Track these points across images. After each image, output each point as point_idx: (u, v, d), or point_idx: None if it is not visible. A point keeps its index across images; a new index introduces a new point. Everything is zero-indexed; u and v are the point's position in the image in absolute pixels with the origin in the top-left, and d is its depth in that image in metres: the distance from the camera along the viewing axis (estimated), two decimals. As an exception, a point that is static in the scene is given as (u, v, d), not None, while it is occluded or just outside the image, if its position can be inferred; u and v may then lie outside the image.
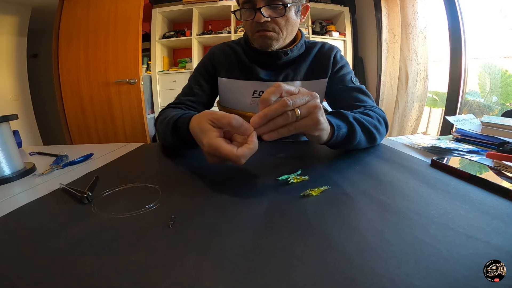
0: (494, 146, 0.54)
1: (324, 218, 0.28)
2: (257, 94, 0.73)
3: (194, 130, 0.43)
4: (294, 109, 0.35)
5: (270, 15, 0.62)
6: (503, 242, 0.23)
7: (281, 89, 0.35)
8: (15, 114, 0.48)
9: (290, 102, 0.34)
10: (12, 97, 2.19)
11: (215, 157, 0.38)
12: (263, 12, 0.61)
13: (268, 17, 0.62)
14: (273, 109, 0.34)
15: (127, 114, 2.15)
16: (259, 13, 0.61)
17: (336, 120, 0.46)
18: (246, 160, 0.36)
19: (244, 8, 0.64)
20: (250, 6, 0.63)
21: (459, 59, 1.58)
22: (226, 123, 0.37)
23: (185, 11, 2.43)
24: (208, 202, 0.33)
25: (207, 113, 0.40)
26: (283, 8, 0.62)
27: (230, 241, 0.24)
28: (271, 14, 0.62)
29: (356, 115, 0.51)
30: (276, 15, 0.63)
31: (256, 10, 0.62)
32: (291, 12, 0.65)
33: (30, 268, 0.22)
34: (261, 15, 0.61)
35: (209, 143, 0.37)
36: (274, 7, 0.62)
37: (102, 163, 0.52)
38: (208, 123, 0.38)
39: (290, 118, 0.35)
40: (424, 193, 0.33)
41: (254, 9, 0.62)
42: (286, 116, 0.35)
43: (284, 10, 0.62)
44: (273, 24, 0.64)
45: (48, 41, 2.15)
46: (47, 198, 0.36)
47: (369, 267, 0.20)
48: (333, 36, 2.42)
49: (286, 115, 0.35)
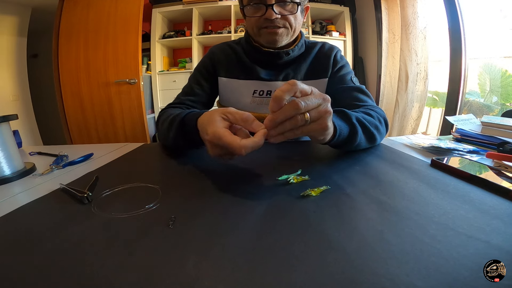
0: (494, 146, 0.54)
1: (324, 218, 0.28)
2: (257, 93, 0.73)
3: (202, 123, 0.43)
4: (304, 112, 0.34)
5: (281, 12, 0.63)
6: (503, 242, 0.23)
7: (296, 88, 0.33)
8: (15, 114, 0.48)
9: (302, 105, 0.33)
10: (12, 97, 2.19)
11: (217, 148, 0.38)
12: (275, 9, 0.62)
13: (278, 14, 0.63)
14: (285, 112, 0.33)
15: (127, 114, 2.14)
16: (270, 10, 0.62)
17: (339, 121, 0.46)
18: (247, 153, 0.35)
19: (250, 4, 0.65)
20: (258, 2, 0.63)
21: (459, 59, 1.58)
22: (239, 117, 0.37)
23: (185, 11, 2.43)
24: (208, 202, 0.33)
25: (221, 109, 0.41)
26: (294, 5, 0.63)
27: (230, 241, 0.24)
28: (281, 11, 0.63)
29: (358, 116, 0.51)
30: (286, 13, 0.64)
31: (267, 6, 0.62)
32: (299, 11, 0.66)
33: (30, 268, 0.22)
34: (273, 11, 0.62)
35: (214, 131, 0.37)
36: (284, 4, 0.63)
37: (102, 163, 0.52)
38: (219, 116, 0.39)
39: (299, 122, 0.34)
40: (424, 193, 0.33)
41: (265, 5, 0.62)
42: (295, 121, 0.34)
43: (297, 7, 0.64)
44: (283, 20, 0.65)
45: (48, 41, 2.15)
46: (47, 198, 0.36)
47: (369, 267, 0.20)
48: (333, 36, 2.42)
49: (296, 120, 0.34)
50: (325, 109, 0.36)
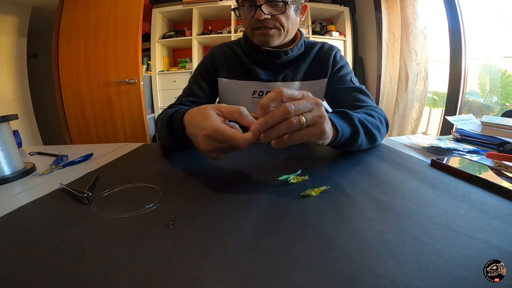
0: (494, 146, 0.54)
1: (324, 218, 0.28)
2: (256, 94, 0.73)
3: (192, 119, 0.43)
4: (299, 116, 0.34)
5: (270, 12, 0.63)
6: (503, 242, 0.23)
7: (282, 95, 0.33)
8: (15, 114, 0.48)
9: (291, 108, 0.32)
10: (12, 97, 2.19)
11: (213, 143, 0.37)
12: (263, 9, 0.62)
13: (268, 14, 0.63)
14: (273, 115, 0.33)
15: (127, 114, 2.15)
16: (259, 10, 0.62)
17: (340, 122, 0.45)
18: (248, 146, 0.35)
19: (243, 6, 0.65)
20: (250, 4, 0.63)
21: (459, 59, 1.58)
22: (235, 111, 0.37)
23: (185, 11, 2.43)
24: (208, 202, 0.33)
25: (212, 105, 0.40)
26: (283, 5, 0.63)
27: (230, 241, 0.24)
28: (271, 11, 0.63)
29: (360, 117, 0.50)
30: (276, 13, 0.63)
31: (256, 7, 0.62)
32: (291, 10, 0.65)
33: (30, 268, 0.22)
34: (262, 12, 0.62)
35: (213, 126, 0.37)
36: (274, 4, 0.63)
37: (102, 163, 0.52)
38: (213, 110, 0.39)
39: (295, 125, 0.33)
40: (424, 193, 0.33)
41: (255, 6, 0.62)
42: (290, 123, 0.33)
43: (285, 7, 0.63)
44: (274, 21, 0.64)
45: (48, 41, 2.15)
46: (47, 198, 0.36)
47: (369, 267, 0.20)
48: (333, 36, 2.42)
49: (290, 122, 0.33)
50: (320, 114, 0.35)
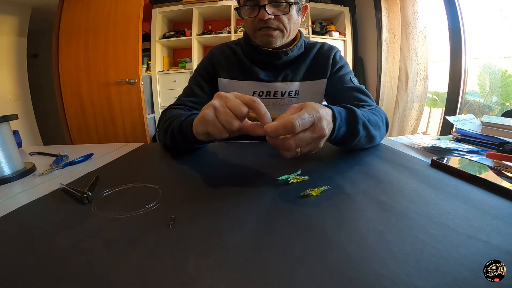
0: (494, 146, 0.54)
1: (324, 218, 0.28)
2: (256, 94, 0.73)
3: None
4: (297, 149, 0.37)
5: (274, 13, 0.63)
6: (503, 242, 0.23)
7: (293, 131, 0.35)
8: (15, 114, 0.48)
9: (293, 145, 0.36)
10: (12, 97, 2.19)
11: (224, 110, 0.40)
12: (267, 9, 0.62)
13: (271, 15, 0.62)
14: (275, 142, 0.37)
15: (127, 114, 2.14)
16: (263, 10, 0.62)
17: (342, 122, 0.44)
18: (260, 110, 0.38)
19: (246, 5, 0.65)
20: (253, 3, 0.63)
21: (459, 59, 1.58)
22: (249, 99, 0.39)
23: (185, 11, 2.43)
24: (208, 202, 0.33)
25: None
26: (287, 5, 0.63)
27: (230, 241, 0.24)
28: (274, 11, 0.63)
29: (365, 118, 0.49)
30: (279, 13, 0.63)
31: (260, 7, 0.62)
32: (294, 11, 0.65)
33: (30, 268, 0.22)
34: (265, 12, 0.61)
35: (232, 92, 0.41)
36: (277, 4, 0.63)
37: (102, 163, 0.52)
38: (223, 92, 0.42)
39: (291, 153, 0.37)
40: (424, 193, 0.33)
41: (258, 6, 0.62)
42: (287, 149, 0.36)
43: (288, 7, 0.63)
44: (277, 22, 0.64)
45: (48, 41, 2.15)
46: (47, 198, 0.36)
47: (369, 267, 0.20)
48: (333, 36, 2.42)
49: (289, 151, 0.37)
50: (316, 146, 0.39)
